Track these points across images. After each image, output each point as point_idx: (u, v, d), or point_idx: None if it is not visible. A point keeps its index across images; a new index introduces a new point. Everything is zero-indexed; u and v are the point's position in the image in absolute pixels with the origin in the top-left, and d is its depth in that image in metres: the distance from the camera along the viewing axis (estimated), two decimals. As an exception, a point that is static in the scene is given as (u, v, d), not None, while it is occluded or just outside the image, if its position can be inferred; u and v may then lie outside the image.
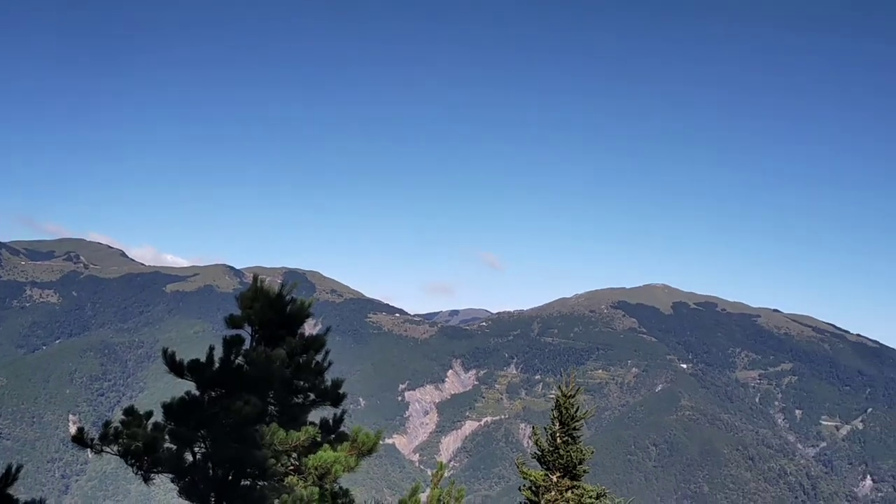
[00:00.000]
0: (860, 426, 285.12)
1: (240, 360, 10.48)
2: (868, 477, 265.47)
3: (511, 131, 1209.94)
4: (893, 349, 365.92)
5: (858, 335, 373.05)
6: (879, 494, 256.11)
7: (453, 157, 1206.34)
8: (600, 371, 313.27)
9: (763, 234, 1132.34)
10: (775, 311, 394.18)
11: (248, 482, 9.99)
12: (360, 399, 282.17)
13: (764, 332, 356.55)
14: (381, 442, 11.19)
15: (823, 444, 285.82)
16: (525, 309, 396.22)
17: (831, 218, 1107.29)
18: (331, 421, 11.34)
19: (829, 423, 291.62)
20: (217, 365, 10.43)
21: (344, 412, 11.41)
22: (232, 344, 10.48)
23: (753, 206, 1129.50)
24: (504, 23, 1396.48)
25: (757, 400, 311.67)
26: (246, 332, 10.72)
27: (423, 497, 11.09)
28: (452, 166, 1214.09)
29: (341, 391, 11.18)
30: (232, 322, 10.64)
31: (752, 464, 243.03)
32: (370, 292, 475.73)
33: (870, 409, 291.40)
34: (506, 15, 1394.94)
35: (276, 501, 9.48)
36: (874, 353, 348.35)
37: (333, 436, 10.91)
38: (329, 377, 11.24)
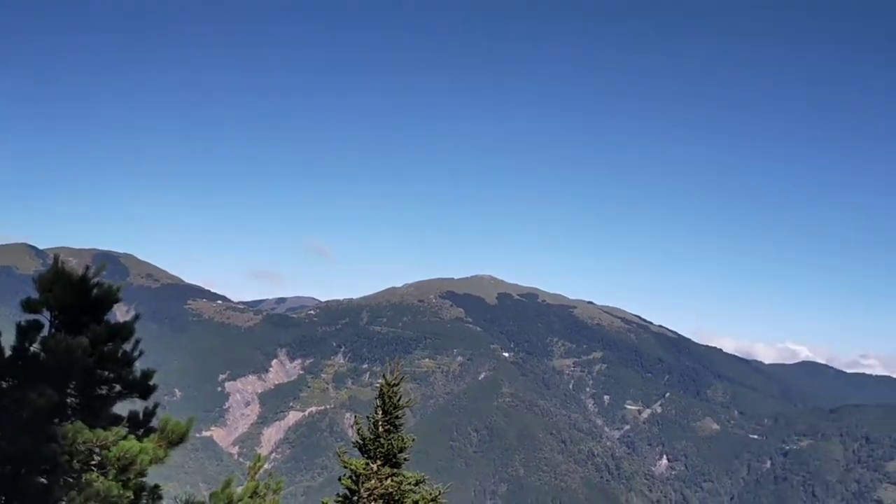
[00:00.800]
0: (659, 409, 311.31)
1: (36, 347, 9.61)
2: (664, 456, 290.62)
3: (338, 116, 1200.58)
4: (689, 339, 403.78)
5: (660, 326, 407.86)
6: (673, 472, 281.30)
7: (280, 140, 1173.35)
8: (427, 360, 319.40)
9: (581, 230, 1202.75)
10: (590, 302, 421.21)
11: (41, 479, 9.19)
12: (176, 390, 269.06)
13: (579, 323, 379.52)
14: (193, 431, 10.66)
15: (627, 427, 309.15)
16: (354, 298, 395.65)
17: (641, 219, 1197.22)
18: (141, 415, 10.65)
19: (633, 408, 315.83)
20: (9, 353, 9.51)
21: (157, 405, 10.73)
22: (27, 330, 9.58)
23: (573, 203, 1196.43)
24: None
25: (571, 386, 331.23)
26: (45, 318, 9.84)
27: (237, 490, 10.71)
28: (279, 149, 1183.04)
29: (151, 382, 10.52)
30: (28, 306, 9.71)
31: (564, 447, 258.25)
32: (190, 278, 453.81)
33: (668, 394, 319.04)
34: None
35: (66, 498, 8.81)
36: (673, 343, 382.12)
37: (142, 430, 10.26)
38: (139, 367, 10.57)
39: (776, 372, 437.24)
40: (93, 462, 9.55)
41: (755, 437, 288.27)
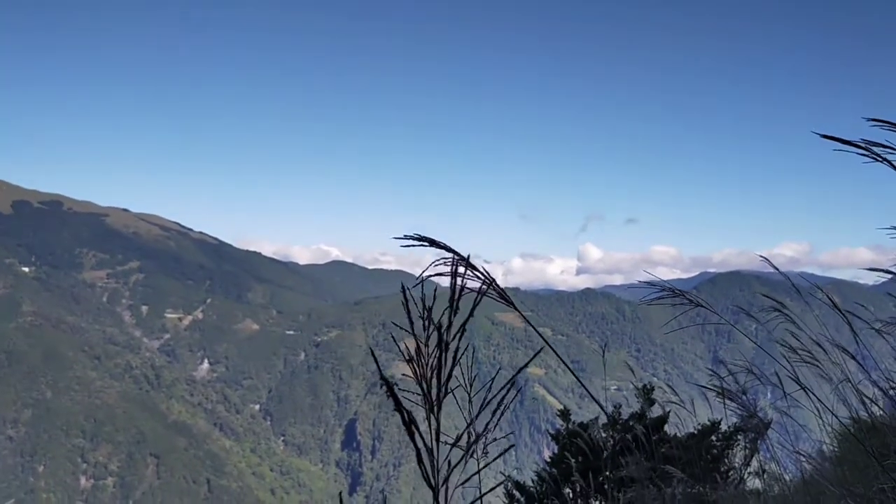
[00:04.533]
0: (200, 315, 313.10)
1: None
2: (206, 360, 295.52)
3: None
4: (230, 245, 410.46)
5: (201, 233, 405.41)
6: (214, 375, 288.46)
7: None
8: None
9: (107, 128, 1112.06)
10: (125, 210, 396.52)
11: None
12: None
13: (112, 232, 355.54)
14: None
15: (168, 336, 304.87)
16: None
17: (185, 118, 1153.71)
18: None
19: (173, 316, 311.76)
20: None
21: None
22: None
23: (87, 93, 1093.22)
24: None
25: (105, 299, 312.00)
26: None
27: None
28: None
29: None
30: None
31: (98, 362, 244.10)
32: None
33: (209, 300, 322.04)
34: None
35: None
36: (214, 249, 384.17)
37: None
38: None
39: (311, 272, 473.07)
40: None
41: (291, 332, 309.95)
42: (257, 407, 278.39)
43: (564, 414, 8.90)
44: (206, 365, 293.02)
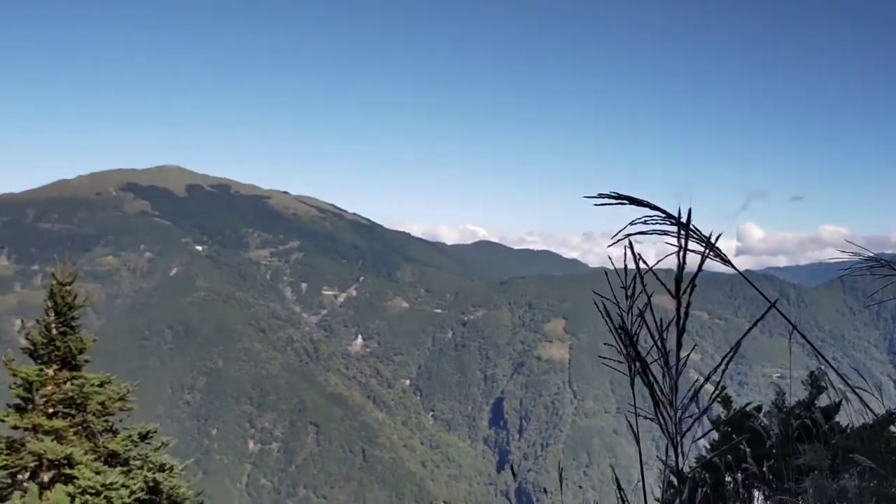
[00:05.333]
0: (354, 293, 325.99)
1: None
2: (359, 336, 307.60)
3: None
4: (380, 225, 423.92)
5: (354, 214, 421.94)
6: (368, 350, 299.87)
7: None
8: (110, 257, 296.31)
9: (274, 117, 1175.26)
10: (285, 192, 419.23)
11: None
12: None
13: (274, 213, 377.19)
14: None
15: (325, 312, 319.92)
16: (17, 192, 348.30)
17: (335, 104, 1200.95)
18: None
19: (330, 293, 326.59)
20: None
21: None
22: None
23: (261, 90, 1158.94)
24: None
25: (268, 276, 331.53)
26: None
27: None
28: None
29: None
30: None
31: (263, 335, 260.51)
32: None
33: (362, 278, 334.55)
34: None
35: None
36: (366, 230, 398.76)
37: None
38: None
39: (457, 251, 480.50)
40: None
41: (438, 310, 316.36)
42: (407, 382, 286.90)
43: (726, 401, 8.40)
44: (359, 340, 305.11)
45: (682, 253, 1.62)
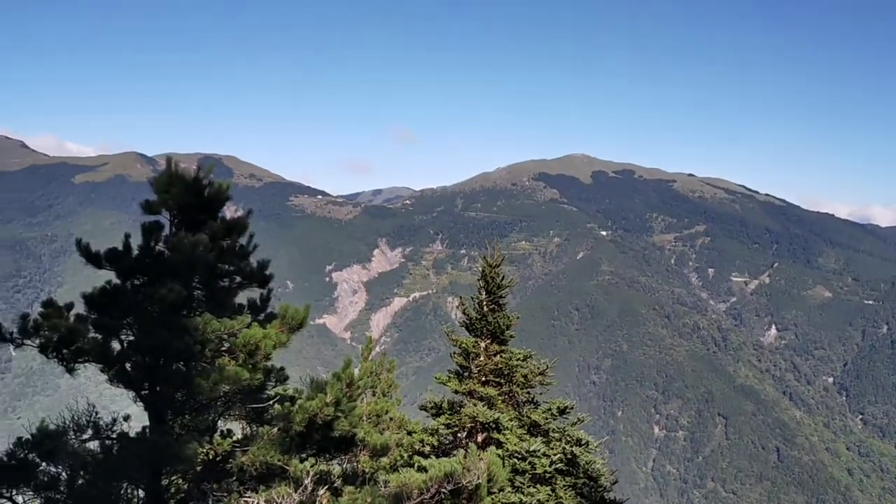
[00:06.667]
0: (767, 280, 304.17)
1: (160, 246, 10.20)
2: (773, 326, 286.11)
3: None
4: (798, 206, 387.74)
5: (767, 195, 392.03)
6: (783, 342, 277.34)
7: (356, 27, 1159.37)
8: (523, 242, 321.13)
9: (676, 100, 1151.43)
10: (690, 175, 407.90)
11: (178, 365, 9.99)
12: (288, 282, 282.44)
13: (679, 197, 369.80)
14: (309, 318, 11.24)
15: (734, 299, 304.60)
16: (448, 185, 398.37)
17: (742, 82, 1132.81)
18: (258, 301, 11.25)
19: (739, 279, 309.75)
20: (136, 252, 10.14)
21: (270, 291, 11.31)
22: (151, 230, 10.15)
23: (666, 74, 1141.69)
24: None
25: (672, 261, 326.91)
26: (164, 219, 10.37)
27: (355, 371, 11.35)
28: (353, 36, 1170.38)
29: (268, 272, 11.08)
30: (149, 208, 10.22)
31: (667, 321, 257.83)
32: (290, 175, 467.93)
33: (776, 264, 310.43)
34: None
35: (203, 382, 9.55)
36: (781, 212, 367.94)
37: (262, 315, 10.90)
38: (254, 260, 11.10)
39: (893, 235, 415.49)
40: (223, 349, 10.26)
41: (870, 302, 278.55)
42: (831, 380, 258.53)
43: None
44: (773, 331, 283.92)
45: None
